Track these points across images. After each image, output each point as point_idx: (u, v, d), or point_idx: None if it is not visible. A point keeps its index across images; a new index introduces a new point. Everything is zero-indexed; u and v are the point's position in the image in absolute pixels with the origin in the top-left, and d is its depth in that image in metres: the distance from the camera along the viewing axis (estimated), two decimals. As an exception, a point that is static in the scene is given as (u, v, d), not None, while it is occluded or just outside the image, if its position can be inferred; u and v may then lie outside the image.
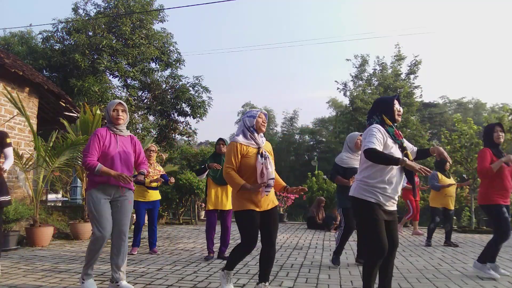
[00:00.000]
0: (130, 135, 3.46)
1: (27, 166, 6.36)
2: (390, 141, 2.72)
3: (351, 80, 24.51)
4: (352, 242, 6.87)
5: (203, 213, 12.48)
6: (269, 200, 3.16)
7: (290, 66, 67.95)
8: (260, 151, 3.11)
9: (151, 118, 15.23)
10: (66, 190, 11.96)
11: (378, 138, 2.67)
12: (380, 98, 3.01)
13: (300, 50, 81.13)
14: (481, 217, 11.20)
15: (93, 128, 6.80)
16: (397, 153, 2.71)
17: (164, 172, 5.80)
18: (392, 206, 2.79)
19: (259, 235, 3.16)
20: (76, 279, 3.76)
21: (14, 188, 7.32)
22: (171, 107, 14.81)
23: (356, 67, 24.36)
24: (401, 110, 2.87)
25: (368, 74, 24.22)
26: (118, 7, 13.92)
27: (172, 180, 5.61)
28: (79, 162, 7.08)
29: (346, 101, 25.49)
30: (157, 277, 3.92)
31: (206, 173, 5.02)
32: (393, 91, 22.40)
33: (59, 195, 12.71)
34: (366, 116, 3.01)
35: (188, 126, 15.43)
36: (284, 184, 3.34)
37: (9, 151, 3.91)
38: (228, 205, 4.92)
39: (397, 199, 2.82)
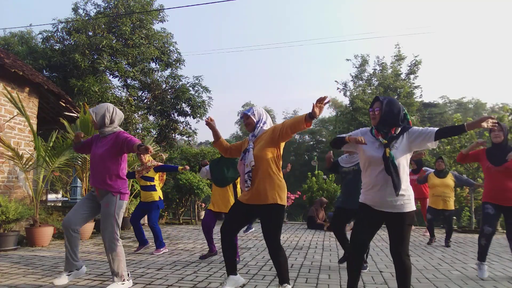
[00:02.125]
0: (113, 133, 3.43)
1: (27, 166, 6.35)
2: (371, 141, 2.83)
3: (351, 80, 24.54)
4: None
5: (203, 213, 12.49)
6: (259, 195, 3.02)
7: (290, 66, 67.99)
8: (245, 147, 3.19)
9: (151, 118, 15.24)
10: (66, 190, 11.97)
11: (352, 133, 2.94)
12: None
13: (300, 50, 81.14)
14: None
15: (93, 128, 6.81)
16: (375, 150, 2.77)
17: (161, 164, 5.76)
18: (390, 208, 2.71)
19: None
20: (76, 279, 3.76)
21: (14, 188, 7.32)
22: (171, 107, 14.82)
23: (356, 67, 24.39)
24: (374, 111, 2.83)
25: (368, 74, 24.22)
26: (118, 7, 13.92)
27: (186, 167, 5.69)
28: (79, 162, 7.09)
29: (346, 101, 25.47)
30: (157, 277, 3.92)
31: (202, 170, 5.03)
32: (393, 91, 22.39)
33: (59, 195, 12.72)
34: None
35: (188, 126, 15.45)
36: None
37: None
38: (226, 209, 4.78)
39: (393, 201, 2.68)
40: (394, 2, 67.05)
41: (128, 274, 3.47)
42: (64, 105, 8.43)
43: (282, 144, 3.15)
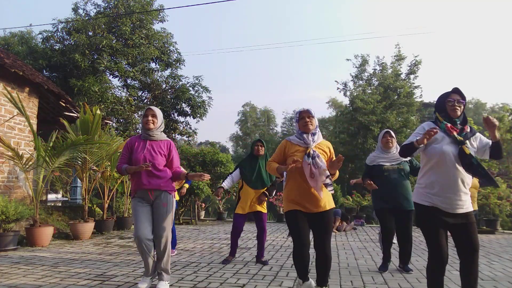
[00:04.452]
0: (166, 140, 3.59)
1: (27, 166, 6.35)
2: (439, 136, 2.62)
3: (351, 80, 24.51)
4: (350, 243, 6.87)
5: (203, 213, 12.49)
6: (322, 202, 3.02)
7: (290, 66, 68.03)
8: (308, 151, 3.01)
9: (151, 118, 15.23)
10: (66, 190, 11.96)
11: (416, 134, 2.70)
12: (440, 95, 2.77)
13: (300, 50, 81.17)
14: (481, 217, 11.22)
15: (93, 128, 6.81)
16: (446, 146, 2.58)
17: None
18: (461, 209, 2.57)
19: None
20: (76, 279, 3.76)
21: (14, 188, 7.32)
22: (171, 107, 14.82)
23: (356, 67, 24.35)
24: (457, 102, 2.62)
25: (368, 74, 24.19)
26: (118, 7, 13.93)
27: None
28: (79, 162, 7.09)
29: (346, 101, 25.42)
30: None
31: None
32: (393, 91, 22.37)
33: (59, 195, 12.71)
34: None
35: (188, 126, 15.44)
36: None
37: None
38: (260, 208, 4.72)
39: (463, 199, 2.57)
40: (394, 2, 67.10)
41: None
42: (64, 105, 8.43)
43: None
